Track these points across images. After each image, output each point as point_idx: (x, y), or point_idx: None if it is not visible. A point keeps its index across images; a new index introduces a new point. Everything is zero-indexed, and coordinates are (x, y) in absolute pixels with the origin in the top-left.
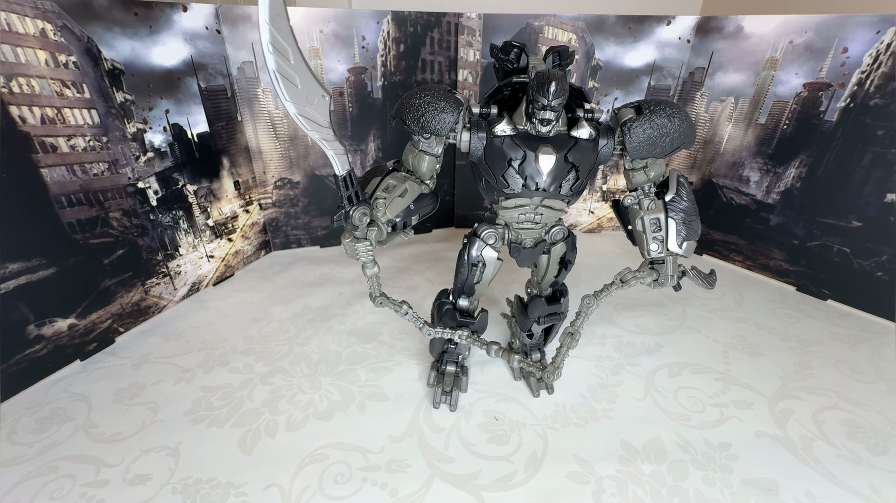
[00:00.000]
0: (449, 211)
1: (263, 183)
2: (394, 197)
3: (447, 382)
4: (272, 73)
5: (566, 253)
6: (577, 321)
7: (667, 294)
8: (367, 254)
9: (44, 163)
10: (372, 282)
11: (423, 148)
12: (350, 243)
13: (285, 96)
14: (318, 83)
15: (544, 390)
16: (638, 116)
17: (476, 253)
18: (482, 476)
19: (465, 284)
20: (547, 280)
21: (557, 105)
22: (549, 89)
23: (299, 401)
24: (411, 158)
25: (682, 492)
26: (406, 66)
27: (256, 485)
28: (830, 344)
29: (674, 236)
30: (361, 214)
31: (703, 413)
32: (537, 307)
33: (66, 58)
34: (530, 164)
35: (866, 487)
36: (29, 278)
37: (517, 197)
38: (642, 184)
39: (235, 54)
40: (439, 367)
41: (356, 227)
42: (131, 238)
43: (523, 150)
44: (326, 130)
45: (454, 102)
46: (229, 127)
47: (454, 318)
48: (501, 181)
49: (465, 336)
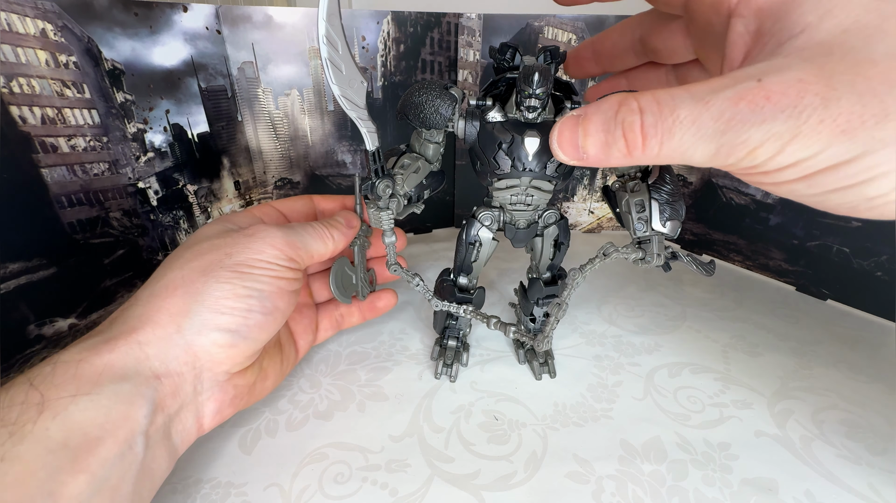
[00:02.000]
0: (449, 211)
1: (264, 183)
2: (409, 173)
3: (448, 356)
4: (324, 60)
5: (559, 235)
6: (564, 293)
7: (667, 294)
8: (389, 222)
9: (44, 163)
10: (389, 250)
11: (427, 137)
12: (375, 212)
13: (332, 80)
14: (358, 71)
15: (547, 374)
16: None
17: (473, 232)
18: (482, 475)
19: (464, 263)
20: (543, 263)
21: (542, 93)
22: (532, 79)
23: (299, 400)
24: (417, 145)
25: (682, 492)
26: (406, 66)
27: (256, 484)
28: (830, 344)
29: (657, 216)
30: (385, 186)
31: (702, 413)
32: (536, 289)
33: (67, 58)
34: (518, 146)
35: (865, 487)
36: (29, 278)
37: (507, 177)
38: (627, 169)
39: (236, 54)
40: (442, 342)
41: (379, 198)
42: (132, 238)
43: (511, 134)
44: (362, 111)
45: (449, 98)
46: (229, 127)
47: (453, 294)
48: (493, 162)
49: (468, 310)
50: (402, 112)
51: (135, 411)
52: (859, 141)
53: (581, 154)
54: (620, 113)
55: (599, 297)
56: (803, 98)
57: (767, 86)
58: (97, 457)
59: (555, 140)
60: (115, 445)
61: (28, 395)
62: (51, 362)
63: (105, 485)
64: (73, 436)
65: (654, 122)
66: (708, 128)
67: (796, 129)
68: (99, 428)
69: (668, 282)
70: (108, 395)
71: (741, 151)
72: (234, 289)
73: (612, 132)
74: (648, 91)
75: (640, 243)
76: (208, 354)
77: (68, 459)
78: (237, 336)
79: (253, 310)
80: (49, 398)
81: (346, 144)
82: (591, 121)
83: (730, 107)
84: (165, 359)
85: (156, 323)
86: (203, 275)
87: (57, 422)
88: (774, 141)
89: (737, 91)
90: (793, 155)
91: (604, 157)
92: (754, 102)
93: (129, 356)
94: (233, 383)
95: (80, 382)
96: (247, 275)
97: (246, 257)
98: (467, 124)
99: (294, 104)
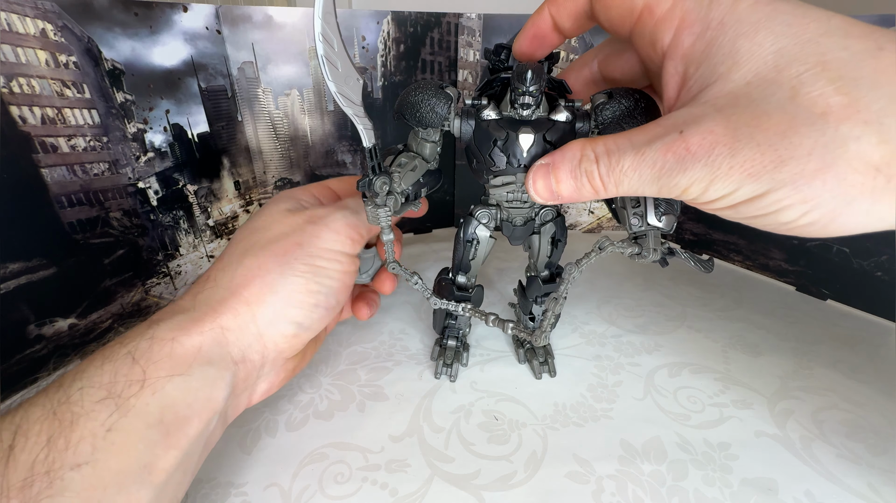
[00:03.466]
0: (449, 211)
1: (264, 183)
2: (406, 171)
3: (448, 355)
4: (320, 58)
5: (556, 232)
6: (560, 287)
7: (667, 294)
8: (387, 220)
9: (44, 163)
10: (387, 248)
11: (423, 136)
12: (372, 209)
13: (328, 77)
14: (354, 69)
15: (547, 373)
16: (609, 100)
17: (471, 230)
18: (482, 476)
19: (462, 261)
20: (541, 260)
21: (535, 91)
22: (526, 77)
23: (299, 400)
24: (415, 145)
25: (682, 492)
26: (406, 66)
27: (256, 484)
28: (830, 344)
29: (652, 211)
30: (382, 183)
31: (702, 413)
32: (534, 287)
33: (67, 58)
34: (513, 143)
35: (865, 487)
36: (29, 278)
37: (503, 174)
38: None
39: (235, 54)
40: (442, 342)
41: (377, 195)
42: (131, 238)
43: (506, 131)
44: (358, 108)
45: (444, 98)
46: (229, 127)
47: (452, 292)
48: (488, 160)
49: (466, 308)
50: (398, 112)
51: (217, 393)
52: (763, 182)
53: (555, 196)
54: (583, 163)
55: (599, 297)
56: (714, 149)
57: (687, 138)
58: (185, 435)
59: (530, 187)
60: (200, 424)
61: (132, 370)
62: (147, 336)
63: (187, 461)
64: (167, 414)
65: (606, 171)
66: (647, 174)
67: (712, 175)
68: (188, 407)
69: (667, 282)
70: (197, 378)
71: (676, 191)
72: (307, 283)
73: (579, 178)
74: (601, 139)
75: (636, 238)
76: (274, 343)
77: (162, 435)
78: (302, 327)
79: (319, 306)
80: (150, 376)
81: (346, 144)
82: (560, 170)
83: (660, 157)
84: (242, 347)
85: (235, 311)
86: (279, 265)
87: (155, 399)
88: (698, 183)
89: (664, 143)
90: (715, 192)
91: (577, 197)
92: (678, 154)
93: (214, 341)
94: (286, 367)
95: (175, 362)
96: (319, 270)
97: (316, 247)
98: (463, 122)
99: (294, 104)
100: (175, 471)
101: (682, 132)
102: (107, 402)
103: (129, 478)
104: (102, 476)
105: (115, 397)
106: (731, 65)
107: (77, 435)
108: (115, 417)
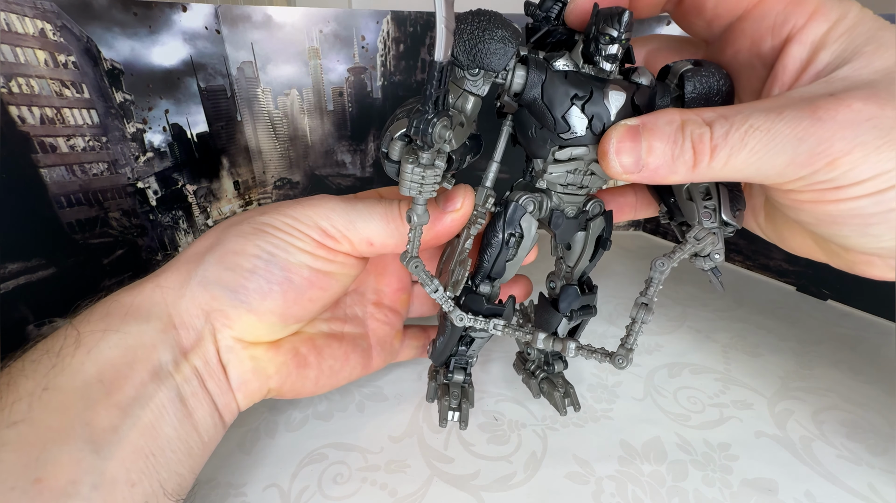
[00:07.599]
0: None
1: (263, 183)
2: (455, 124)
3: (454, 394)
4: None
5: (604, 230)
6: (649, 289)
7: (667, 294)
8: (433, 189)
9: (43, 163)
10: (414, 236)
11: (468, 87)
12: (415, 169)
13: None
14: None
15: (571, 407)
16: (697, 68)
17: (516, 219)
18: (482, 476)
19: (496, 262)
20: (581, 264)
21: (627, 39)
22: (621, 19)
23: (298, 401)
24: (453, 98)
25: (682, 493)
26: (406, 65)
27: (256, 485)
28: (830, 344)
29: (727, 205)
30: (443, 128)
31: (702, 413)
32: (570, 297)
33: (66, 58)
34: (598, 102)
35: (866, 487)
36: (29, 278)
37: (575, 145)
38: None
39: (235, 54)
40: (446, 375)
41: (431, 146)
42: (131, 238)
43: (591, 87)
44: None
45: (513, 32)
46: (229, 127)
47: (481, 304)
48: (562, 123)
49: (500, 326)
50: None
51: (156, 354)
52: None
53: (639, 166)
54: (688, 126)
55: (599, 297)
56: (884, 109)
57: (845, 99)
58: (124, 394)
59: (611, 155)
60: (142, 384)
61: (68, 330)
62: (94, 302)
63: (139, 423)
64: (105, 372)
65: (725, 132)
66: (783, 136)
67: (881, 139)
68: (127, 366)
69: (668, 282)
70: (133, 334)
71: (820, 161)
72: (245, 244)
73: (682, 144)
74: (704, 108)
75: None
76: (216, 312)
77: (102, 393)
78: (234, 297)
79: (256, 273)
80: (83, 332)
81: (346, 144)
82: (657, 132)
83: (808, 115)
84: (178, 308)
85: (176, 269)
86: (228, 226)
87: (91, 356)
88: (860, 150)
89: (811, 104)
90: (874, 167)
91: (666, 171)
92: (837, 111)
93: (150, 298)
94: (249, 353)
95: (110, 319)
96: (263, 234)
97: (276, 218)
98: (530, 71)
99: (293, 104)
100: (128, 432)
101: (834, 95)
102: (43, 362)
103: (69, 435)
104: (40, 433)
105: (52, 356)
106: (877, 47)
107: (14, 395)
108: (52, 376)
